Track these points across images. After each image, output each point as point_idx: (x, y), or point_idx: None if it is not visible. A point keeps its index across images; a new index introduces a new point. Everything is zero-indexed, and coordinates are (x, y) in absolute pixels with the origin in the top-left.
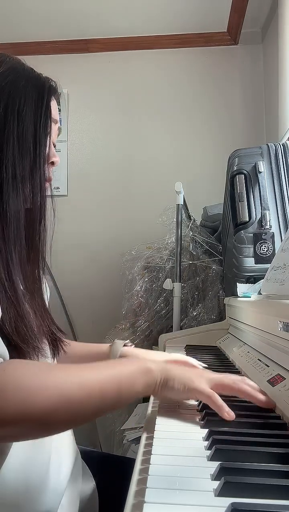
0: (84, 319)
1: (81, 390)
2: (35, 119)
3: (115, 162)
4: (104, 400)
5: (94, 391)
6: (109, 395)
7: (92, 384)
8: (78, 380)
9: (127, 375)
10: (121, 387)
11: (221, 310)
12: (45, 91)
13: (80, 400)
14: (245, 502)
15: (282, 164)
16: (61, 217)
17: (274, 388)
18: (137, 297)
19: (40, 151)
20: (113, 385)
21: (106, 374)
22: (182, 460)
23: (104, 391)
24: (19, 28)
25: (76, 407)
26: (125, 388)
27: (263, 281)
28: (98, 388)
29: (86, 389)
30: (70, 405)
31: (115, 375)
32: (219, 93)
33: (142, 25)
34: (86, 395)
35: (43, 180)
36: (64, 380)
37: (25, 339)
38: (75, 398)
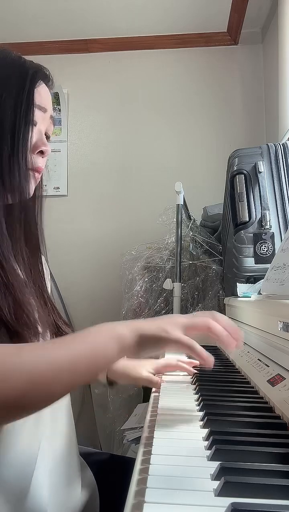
0: (84, 319)
1: (51, 367)
2: (16, 105)
3: (115, 162)
4: (76, 374)
5: (64, 367)
6: (82, 368)
7: (62, 360)
8: (47, 359)
9: (98, 345)
10: (95, 358)
11: (221, 310)
12: (28, 76)
13: (52, 377)
14: (245, 502)
15: (282, 164)
16: (61, 217)
17: (274, 388)
18: (137, 297)
19: (19, 139)
20: (85, 357)
21: (76, 348)
22: (182, 460)
23: (75, 365)
24: (19, 28)
25: (48, 386)
26: (99, 358)
27: (263, 281)
28: (68, 363)
29: (56, 366)
30: (41, 384)
31: (86, 348)
32: (219, 93)
33: (143, 25)
34: (56, 372)
35: (23, 169)
36: (33, 360)
37: (24, 326)
38: (46, 377)
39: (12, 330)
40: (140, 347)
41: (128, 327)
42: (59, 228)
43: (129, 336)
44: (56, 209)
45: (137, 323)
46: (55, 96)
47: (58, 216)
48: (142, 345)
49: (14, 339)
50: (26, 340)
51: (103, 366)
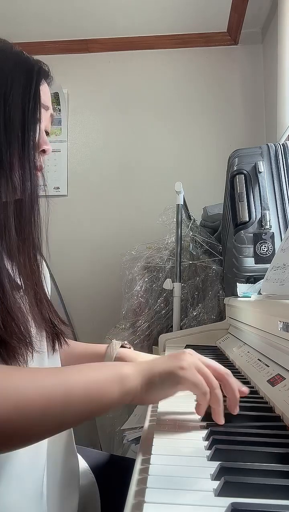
0: (84, 319)
1: (41, 397)
2: (23, 104)
3: (115, 162)
4: (68, 411)
5: (56, 400)
6: (75, 405)
7: (54, 391)
8: (38, 386)
9: (97, 383)
10: (90, 396)
11: (221, 310)
12: (34, 75)
13: (41, 407)
14: (245, 502)
15: (282, 164)
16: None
17: (274, 388)
18: (137, 297)
19: (28, 138)
20: (80, 394)
21: (72, 380)
22: (182, 460)
23: (68, 400)
24: (19, 28)
25: (37, 416)
26: (95, 398)
27: (263, 281)
28: (61, 396)
29: (47, 396)
30: (29, 413)
31: (83, 382)
32: (219, 93)
33: (143, 25)
34: (46, 404)
35: (33, 167)
36: (22, 385)
37: (12, 334)
38: (35, 406)
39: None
40: (150, 391)
41: (138, 369)
42: (59, 228)
43: (136, 379)
44: (56, 209)
45: (149, 365)
46: (55, 96)
47: (58, 216)
48: (153, 389)
49: (2, 349)
50: (15, 350)
51: (100, 408)
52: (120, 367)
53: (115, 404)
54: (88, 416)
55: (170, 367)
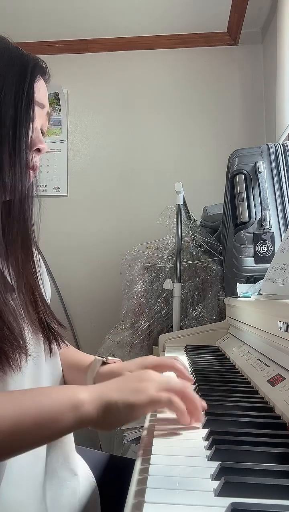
0: (84, 319)
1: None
2: (16, 101)
3: (115, 162)
4: (17, 438)
5: (4, 427)
6: (25, 433)
7: (2, 418)
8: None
9: (49, 412)
10: (42, 425)
11: (221, 310)
12: (28, 71)
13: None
14: (245, 502)
15: (282, 164)
16: (61, 217)
17: (274, 388)
18: (137, 297)
19: (20, 136)
20: (30, 422)
21: (22, 407)
22: (182, 460)
23: (17, 427)
24: (19, 28)
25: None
26: (46, 426)
27: (263, 281)
28: (9, 423)
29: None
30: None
31: (34, 409)
32: (219, 93)
33: (143, 25)
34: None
35: (24, 167)
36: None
37: (4, 339)
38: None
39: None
40: (107, 417)
41: (92, 393)
42: (59, 228)
43: (92, 406)
44: (56, 209)
45: (103, 387)
46: (55, 96)
47: (58, 216)
48: (110, 414)
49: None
50: (7, 354)
51: (53, 435)
52: (76, 392)
53: (71, 430)
54: (41, 443)
55: (127, 397)
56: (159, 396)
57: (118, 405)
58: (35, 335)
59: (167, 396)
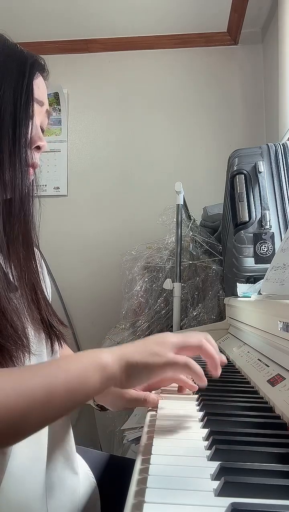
0: (84, 319)
1: (21, 398)
2: (15, 98)
3: (115, 162)
4: (51, 406)
5: (37, 398)
6: (58, 400)
7: (35, 390)
8: (19, 388)
9: (78, 376)
10: (72, 390)
11: (221, 310)
12: (27, 68)
13: (21, 409)
14: (245, 502)
15: (282, 164)
16: (61, 217)
17: (274, 388)
18: (137, 297)
19: (20, 134)
20: (62, 387)
21: (52, 375)
22: (182, 460)
23: (50, 396)
24: (19, 28)
25: (17, 417)
26: (77, 391)
27: (263, 281)
28: (41, 393)
29: (27, 396)
30: (8, 415)
31: (63, 377)
32: (219, 93)
33: (143, 25)
34: (26, 405)
35: (24, 165)
36: (2, 388)
37: (8, 337)
38: (15, 407)
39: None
40: (129, 376)
41: (114, 354)
42: (59, 228)
43: (115, 364)
44: (56, 209)
45: (124, 349)
46: (55, 96)
47: (58, 216)
48: (131, 374)
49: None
50: (11, 353)
51: (83, 398)
52: (99, 355)
53: (98, 392)
54: (72, 408)
55: (146, 358)
56: (175, 359)
57: (138, 366)
58: (37, 334)
59: (183, 361)
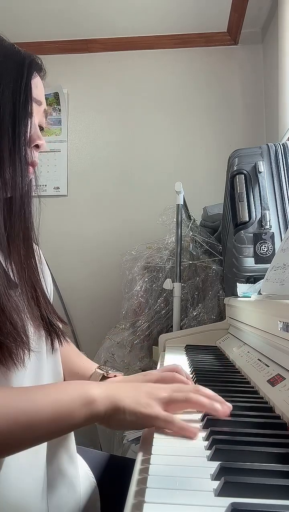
0: (84, 319)
1: (3, 419)
2: (14, 97)
3: (115, 162)
4: (32, 432)
5: (19, 422)
6: (39, 427)
7: (18, 413)
8: (2, 407)
9: (64, 405)
10: (56, 419)
11: (221, 310)
12: (25, 68)
13: (4, 431)
14: (245, 502)
15: (282, 164)
16: (61, 217)
17: (274, 388)
18: (137, 297)
19: (19, 133)
20: (44, 417)
21: (37, 402)
22: (182, 460)
23: (32, 422)
24: (19, 28)
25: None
26: (62, 420)
27: (263, 281)
28: (25, 419)
29: (10, 419)
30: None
31: (50, 406)
32: (219, 93)
33: (143, 25)
34: (7, 426)
35: (24, 163)
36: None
37: (8, 334)
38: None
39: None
40: (113, 419)
41: (104, 393)
42: (59, 228)
43: (102, 404)
44: (56, 209)
45: (115, 390)
46: (55, 96)
47: (58, 216)
48: (117, 418)
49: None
50: (11, 350)
51: (67, 429)
52: (88, 389)
53: (82, 425)
54: (55, 436)
55: (134, 408)
56: (160, 414)
57: (125, 411)
58: (37, 331)
59: (166, 418)
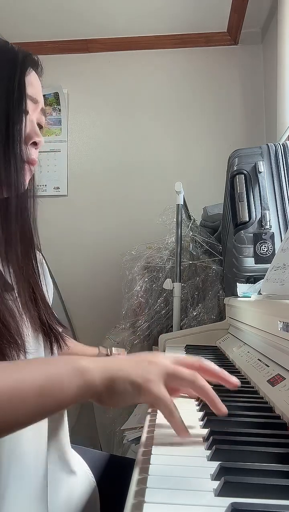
0: (84, 319)
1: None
2: (7, 94)
3: (115, 162)
4: (16, 405)
5: (2, 392)
6: (26, 401)
7: (1, 387)
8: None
9: (52, 377)
10: (44, 392)
11: (221, 310)
12: (18, 64)
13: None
14: (245, 502)
15: (282, 164)
16: (61, 217)
17: (274, 388)
18: (137, 297)
19: (13, 130)
20: (31, 389)
21: (24, 375)
22: (182, 460)
23: (17, 392)
24: (19, 28)
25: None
26: (48, 394)
27: (263, 281)
28: (7, 388)
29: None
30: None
31: (35, 377)
32: (219, 93)
33: (143, 25)
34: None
35: (19, 161)
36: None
37: (2, 338)
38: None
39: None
40: (112, 392)
41: (100, 363)
42: (59, 228)
43: (96, 374)
44: (56, 209)
45: (113, 362)
46: (55, 96)
47: (58, 216)
48: (115, 390)
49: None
50: (5, 353)
51: (55, 405)
52: (79, 359)
53: (73, 401)
54: (42, 413)
55: (135, 376)
56: (164, 397)
57: (123, 386)
58: (36, 336)
59: (189, 372)
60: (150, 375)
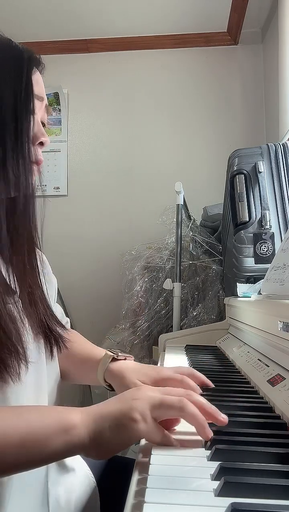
0: (84, 319)
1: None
2: (15, 94)
3: (115, 162)
4: (4, 456)
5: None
6: (8, 452)
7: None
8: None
9: (36, 432)
10: (26, 446)
11: (221, 310)
12: (24, 63)
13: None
14: (245, 502)
15: (282, 164)
16: (61, 217)
17: (274, 388)
18: (137, 297)
19: (22, 130)
20: (15, 441)
21: (9, 424)
22: (182, 460)
23: (4, 443)
24: (19, 28)
25: None
26: (31, 449)
27: (263, 281)
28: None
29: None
30: None
31: (18, 429)
32: (219, 93)
33: (143, 25)
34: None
35: (28, 161)
36: None
37: (3, 347)
38: None
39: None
40: (100, 445)
41: (88, 417)
42: (59, 228)
43: (83, 431)
44: (56, 209)
45: (101, 412)
46: (55, 96)
47: (58, 216)
48: (103, 443)
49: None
50: (5, 362)
51: (37, 458)
52: (67, 414)
53: (60, 456)
54: (26, 466)
55: (120, 420)
56: (164, 400)
57: (111, 434)
58: (36, 339)
59: (177, 399)
60: (134, 414)
